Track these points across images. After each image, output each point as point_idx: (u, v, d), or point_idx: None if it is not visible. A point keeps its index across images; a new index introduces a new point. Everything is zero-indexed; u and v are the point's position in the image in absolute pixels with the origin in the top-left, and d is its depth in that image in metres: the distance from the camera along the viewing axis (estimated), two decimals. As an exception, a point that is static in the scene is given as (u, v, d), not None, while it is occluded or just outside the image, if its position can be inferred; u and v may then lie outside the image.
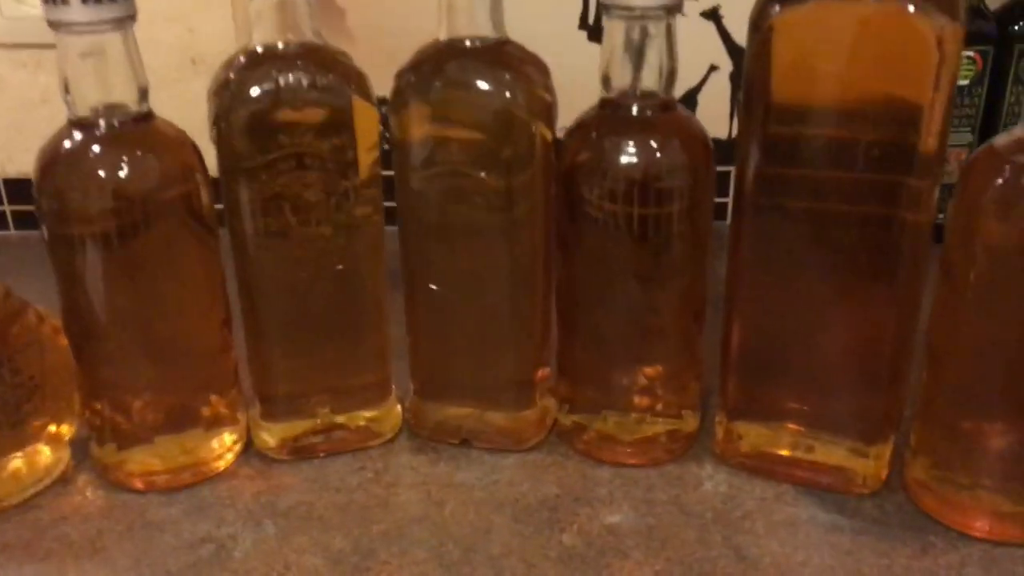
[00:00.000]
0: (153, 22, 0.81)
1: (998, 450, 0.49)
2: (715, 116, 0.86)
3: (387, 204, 0.54)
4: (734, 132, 0.86)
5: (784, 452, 0.54)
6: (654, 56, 0.48)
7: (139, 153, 0.47)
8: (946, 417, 0.50)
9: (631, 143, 0.48)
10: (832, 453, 0.53)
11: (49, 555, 0.49)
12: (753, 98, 0.48)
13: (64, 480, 0.54)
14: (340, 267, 0.54)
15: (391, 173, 0.53)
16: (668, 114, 0.49)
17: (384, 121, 0.52)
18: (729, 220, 0.52)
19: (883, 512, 0.51)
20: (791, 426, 0.54)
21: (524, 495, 0.52)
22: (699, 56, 0.85)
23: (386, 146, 0.52)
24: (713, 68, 0.86)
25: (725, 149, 0.52)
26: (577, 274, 0.53)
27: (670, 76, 0.48)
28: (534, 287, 0.54)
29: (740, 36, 0.84)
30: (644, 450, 0.55)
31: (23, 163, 0.86)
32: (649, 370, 0.55)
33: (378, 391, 0.58)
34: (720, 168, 0.52)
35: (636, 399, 0.55)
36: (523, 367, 0.56)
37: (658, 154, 0.48)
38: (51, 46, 0.46)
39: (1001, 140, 0.45)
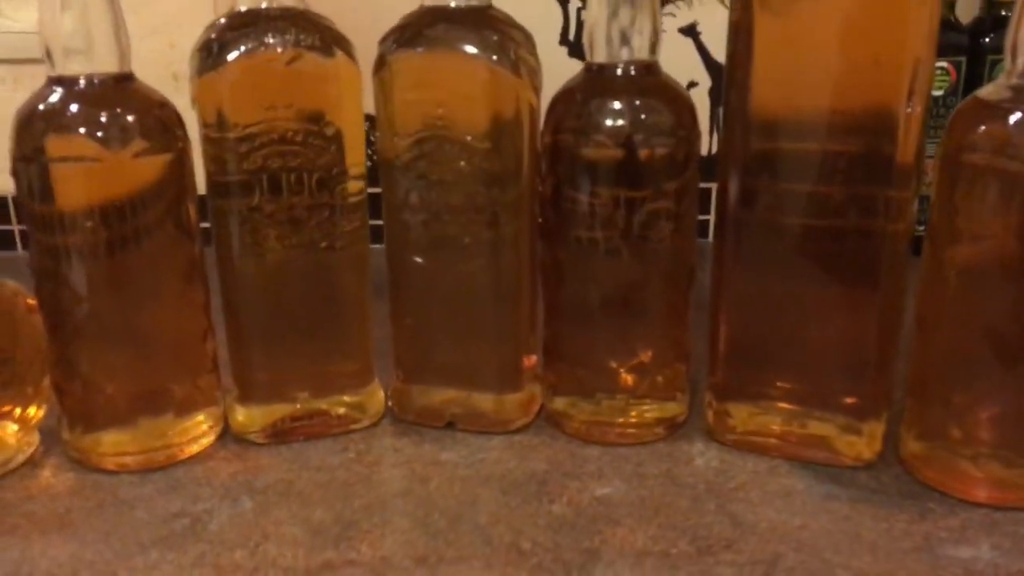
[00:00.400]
0: (133, 36, 0.81)
1: (991, 418, 0.48)
2: (695, 131, 0.86)
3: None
4: (714, 149, 0.87)
5: (776, 427, 0.53)
6: (638, 19, 0.48)
7: (119, 110, 0.46)
8: (938, 388, 0.49)
9: (617, 103, 0.48)
10: (824, 428, 0.52)
11: (14, 530, 0.46)
12: (735, 79, 0.48)
13: (32, 464, 0.52)
14: (323, 245, 0.53)
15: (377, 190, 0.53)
16: (653, 77, 0.49)
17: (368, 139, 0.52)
18: (712, 235, 0.52)
19: (880, 483, 0.49)
20: (782, 405, 0.53)
21: (511, 471, 0.51)
22: (678, 73, 0.85)
23: (369, 163, 0.52)
24: (692, 84, 0.87)
25: (706, 165, 0.52)
26: (562, 250, 0.53)
27: (653, 39, 0.49)
28: (520, 265, 0.53)
29: (718, 52, 0.85)
30: (635, 430, 0.54)
31: (-1, 180, 0.86)
32: (638, 350, 0.54)
33: (360, 377, 0.56)
34: (702, 184, 0.52)
35: (625, 380, 0.54)
36: (510, 353, 0.55)
37: (643, 114, 0.48)
38: (30, 61, 0.46)
39: (984, 90, 0.45)
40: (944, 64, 0.80)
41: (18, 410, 0.53)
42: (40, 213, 0.48)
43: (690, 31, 0.85)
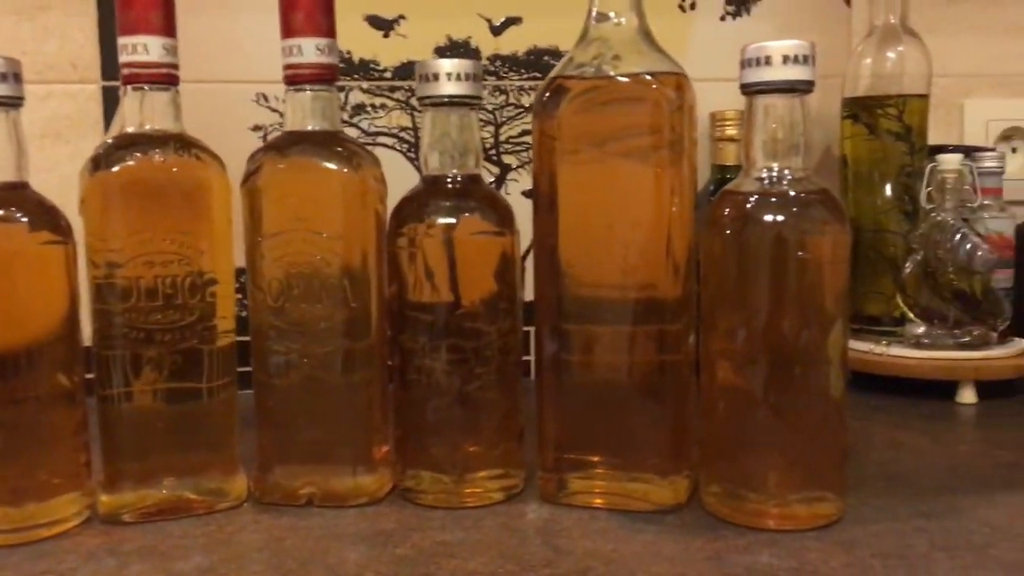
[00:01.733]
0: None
1: (765, 468, 0.57)
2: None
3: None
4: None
5: (598, 488, 0.60)
6: (462, 137, 0.59)
7: (12, 209, 0.54)
8: (724, 447, 0.58)
9: (448, 203, 0.59)
10: (638, 486, 0.59)
11: None
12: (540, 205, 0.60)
13: (-98, 547, 0.55)
14: (195, 344, 0.59)
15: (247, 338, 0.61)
16: (477, 184, 0.60)
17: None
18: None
19: (683, 521, 0.57)
20: (600, 471, 0.60)
21: (362, 530, 0.56)
22: (524, 229, 0.98)
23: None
24: (536, 239, 0.99)
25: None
26: (403, 355, 0.61)
27: (476, 155, 0.60)
28: (371, 360, 0.61)
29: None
30: (476, 499, 0.60)
31: None
32: (477, 432, 0.61)
33: (224, 466, 0.61)
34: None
35: (466, 457, 0.61)
36: (362, 448, 0.61)
37: (467, 213, 0.59)
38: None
39: (731, 184, 0.57)
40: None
41: None
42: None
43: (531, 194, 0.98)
